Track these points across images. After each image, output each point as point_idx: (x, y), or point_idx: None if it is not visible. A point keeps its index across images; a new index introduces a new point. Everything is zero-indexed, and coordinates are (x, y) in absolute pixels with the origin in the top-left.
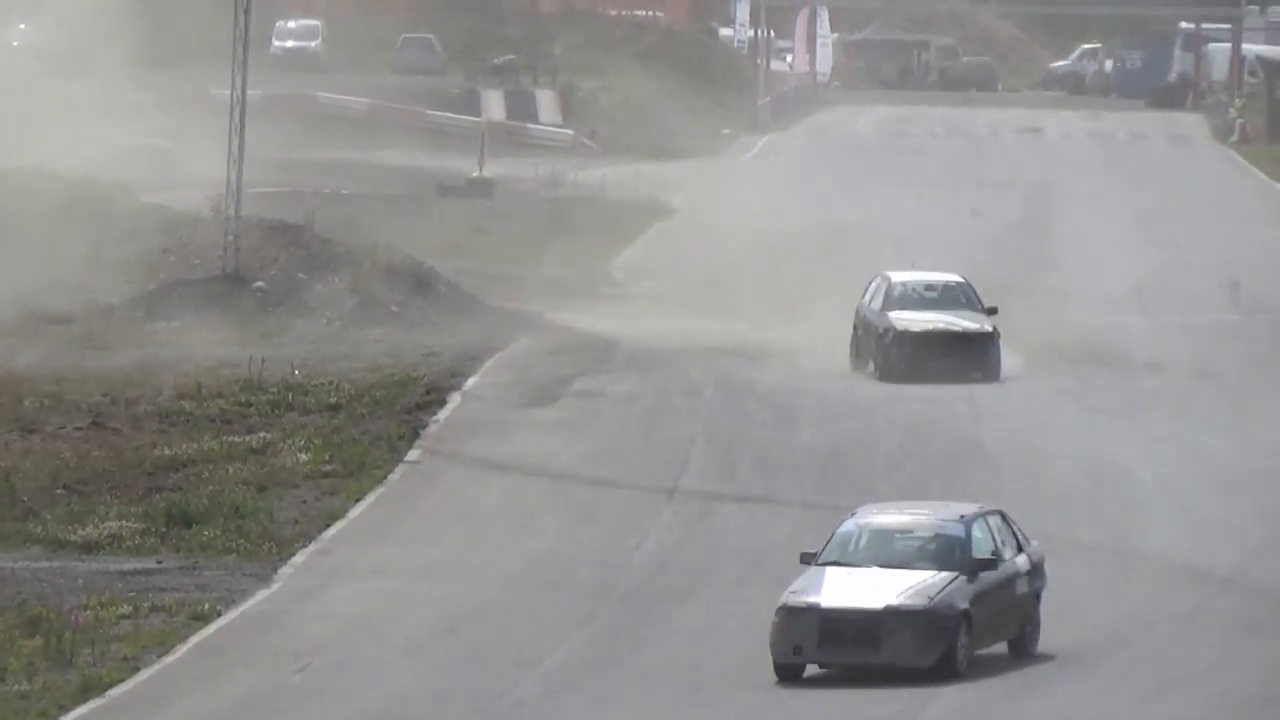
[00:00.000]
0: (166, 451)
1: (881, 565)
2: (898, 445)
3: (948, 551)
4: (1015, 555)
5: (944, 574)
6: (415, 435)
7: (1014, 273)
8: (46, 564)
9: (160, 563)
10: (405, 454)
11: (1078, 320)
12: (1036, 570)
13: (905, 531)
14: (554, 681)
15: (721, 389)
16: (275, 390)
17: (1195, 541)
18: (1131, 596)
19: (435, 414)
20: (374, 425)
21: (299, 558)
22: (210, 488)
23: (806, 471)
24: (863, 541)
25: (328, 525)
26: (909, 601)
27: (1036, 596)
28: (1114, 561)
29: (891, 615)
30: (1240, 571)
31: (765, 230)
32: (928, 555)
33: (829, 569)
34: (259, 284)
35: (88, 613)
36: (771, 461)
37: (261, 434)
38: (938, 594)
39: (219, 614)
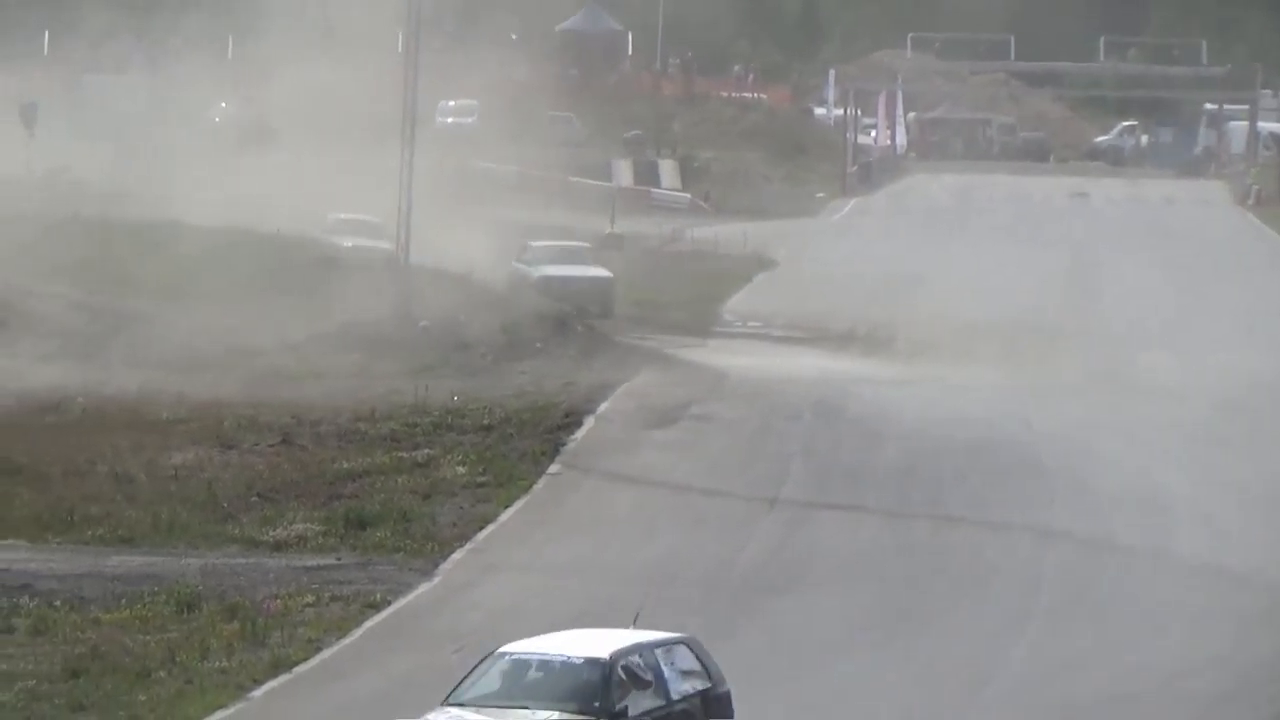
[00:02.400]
0: (345, 465)
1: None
2: (965, 461)
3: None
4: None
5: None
6: (556, 452)
7: (1061, 315)
8: (243, 560)
9: (339, 560)
10: (547, 468)
11: (1117, 355)
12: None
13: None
14: None
15: (817, 414)
16: (437, 414)
17: (1216, 546)
18: (1163, 591)
19: (573, 434)
20: (520, 444)
21: (457, 555)
22: (381, 496)
23: (888, 484)
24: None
25: (481, 528)
26: None
27: None
28: (1148, 561)
29: None
30: (1256, 571)
31: (854, 278)
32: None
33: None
34: (424, 323)
35: (278, 602)
36: (859, 476)
37: (425, 451)
38: None
39: (388, 603)
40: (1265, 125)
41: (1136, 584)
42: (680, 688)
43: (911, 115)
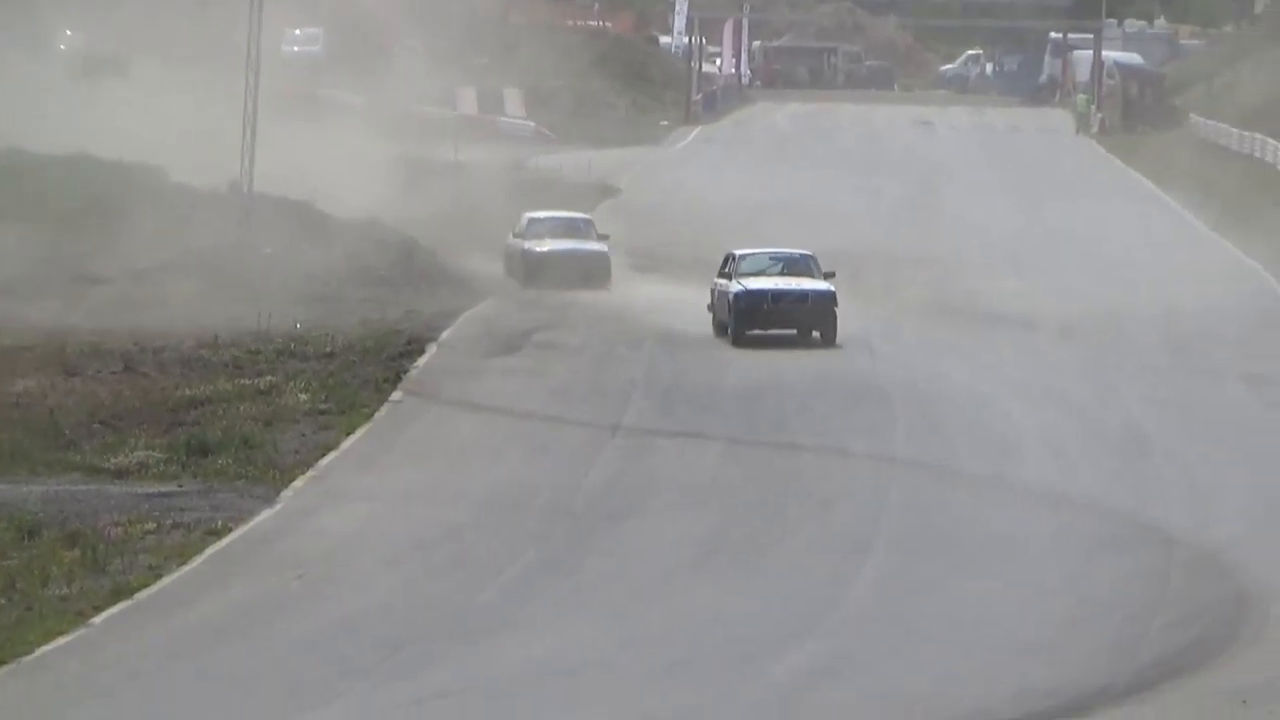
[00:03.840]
0: (187, 392)
1: None
2: (809, 388)
3: None
4: None
5: None
6: (398, 379)
7: (906, 243)
8: (84, 487)
9: (180, 487)
10: (390, 395)
11: (962, 283)
12: None
13: None
14: (516, 586)
15: (659, 341)
16: (280, 341)
17: (1061, 473)
18: (1008, 518)
19: (415, 361)
20: (363, 371)
21: (299, 483)
22: (224, 423)
23: (731, 411)
24: None
25: (323, 455)
26: None
27: None
28: (993, 488)
29: None
30: (1101, 498)
31: (697, 206)
32: None
33: None
34: (268, 250)
35: (119, 529)
36: (702, 403)
37: (268, 378)
38: None
39: (230, 530)
40: (1109, 54)
41: (982, 511)
42: None
43: (757, 44)
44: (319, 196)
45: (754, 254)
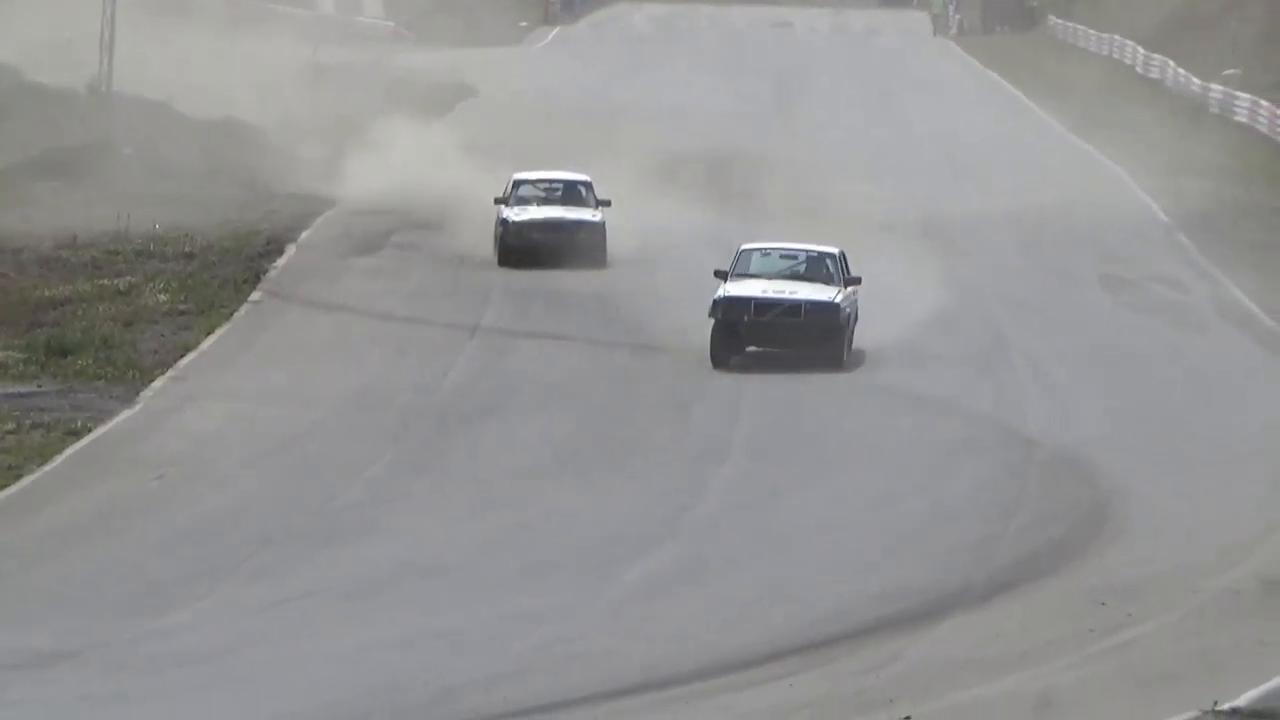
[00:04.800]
0: (46, 293)
1: None
2: (666, 291)
3: None
4: None
5: None
6: (257, 280)
7: (765, 146)
8: None
9: (40, 387)
10: (249, 295)
11: (821, 186)
12: None
13: None
14: (375, 487)
15: None
16: (139, 241)
17: (918, 375)
18: (865, 419)
19: (275, 262)
20: (222, 271)
21: (158, 383)
22: (83, 323)
23: (589, 313)
24: None
25: (183, 355)
26: None
27: None
28: (850, 390)
29: None
30: (956, 400)
31: (554, 107)
32: None
33: None
34: (127, 150)
35: None
36: (560, 305)
37: (127, 278)
38: None
39: (89, 430)
40: None
41: (838, 412)
42: None
43: None
44: (177, 97)
45: (763, 250)
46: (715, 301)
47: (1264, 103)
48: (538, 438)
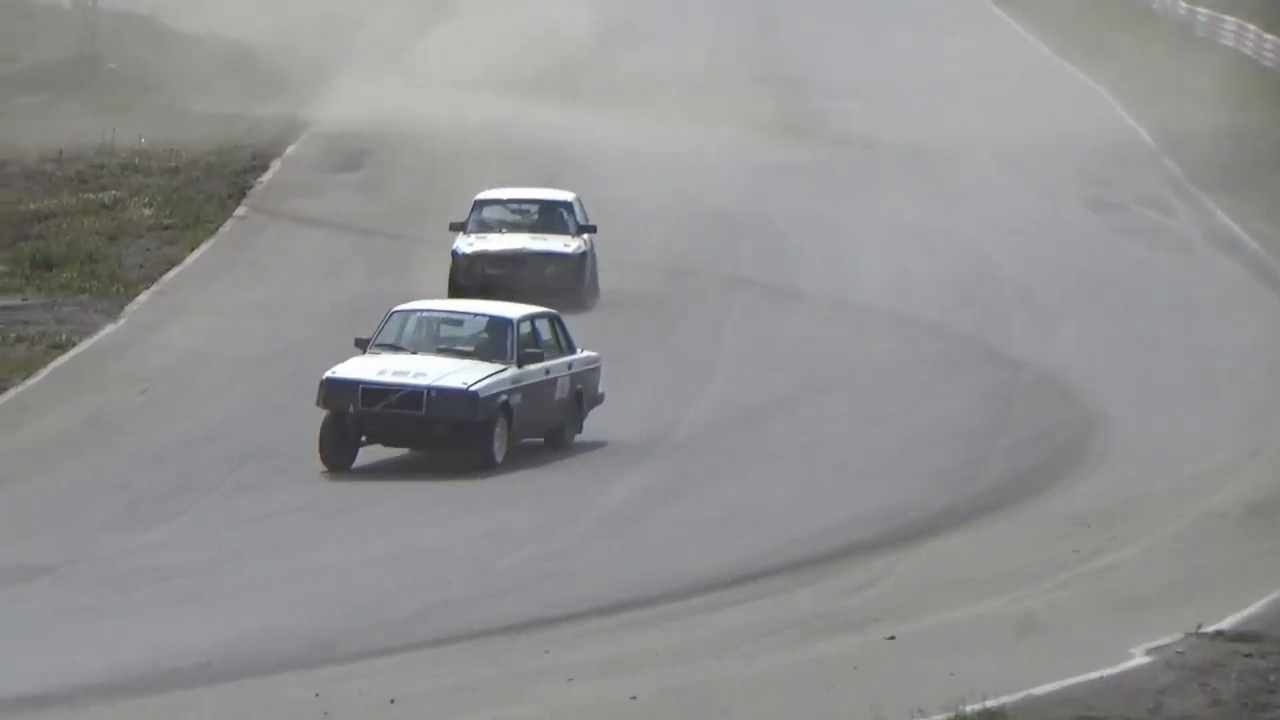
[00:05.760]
0: (31, 206)
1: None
2: (655, 208)
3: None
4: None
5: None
6: (243, 195)
7: (749, 62)
8: None
9: (25, 300)
10: (234, 210)
11: (804, 105)
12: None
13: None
14: None
15: (503, 158)
16: (124, 156)
17: (903, 295)
18: (850, 340)
19: (260, 177)
20: (207, 186)
21: (143, 297)
22: (68, 237)
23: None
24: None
25: (168, 270)
26: None
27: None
28: (834, 310)
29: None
30: (940, 320)
31: (538, 28)
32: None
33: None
34: (112, 65)
35: None
36: None
37: (112, 192)
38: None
39: (74, 344)
40: None
41: (823, 332)
42: None
43: None
44: (163, 11)
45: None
46: (322, 383)
47: (1251, 26)
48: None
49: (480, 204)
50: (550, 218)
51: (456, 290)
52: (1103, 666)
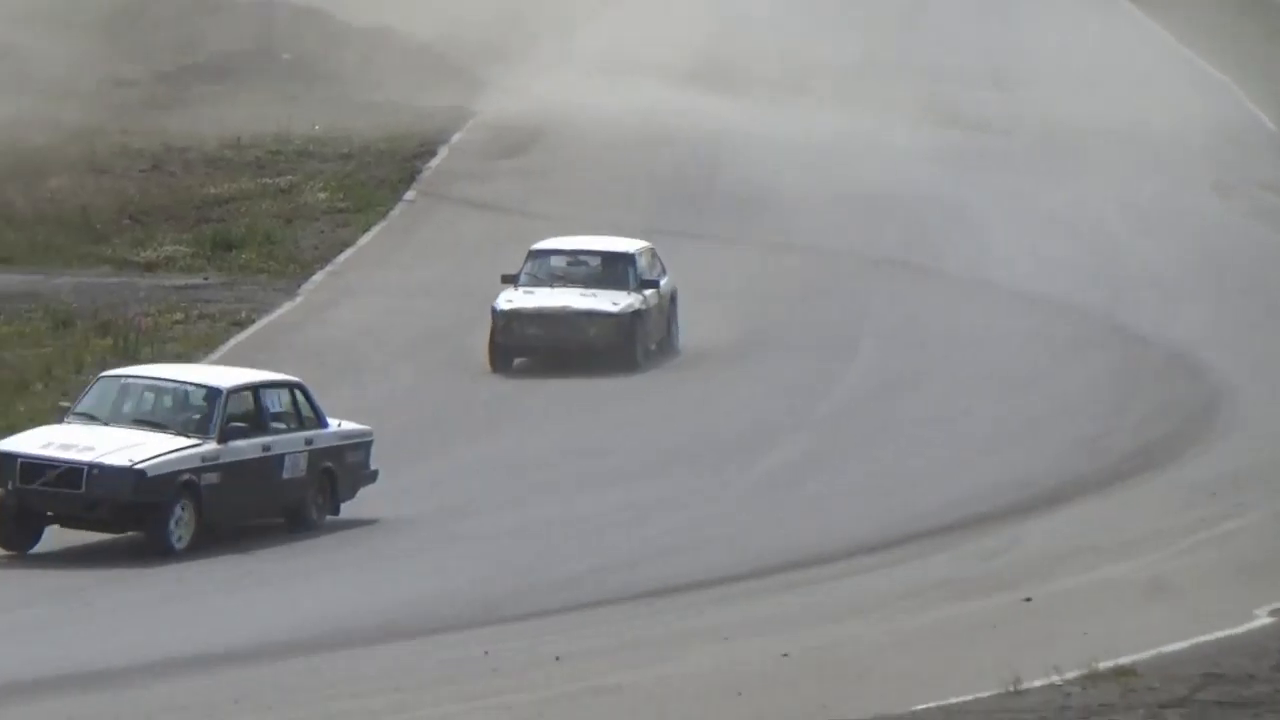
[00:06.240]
0: (212, 191)
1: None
2: (800, 193)
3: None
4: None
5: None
6: (412, 179)
7: (891, 52)
8: (115, 280)
9: (206, 279)
10: (404, 195)
11: (943, 92)
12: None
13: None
14: (523, 378)
15: (654, 145)
16: (299, 142)
17: (1036, 275)
18: (985, 317)
19: (428, 163)
20: (379, 171)
21: (318, 277)
22: (247, 220)
23: (727, 212)
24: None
25: (341, 251)
26: None
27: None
28: (972, 289)
29: None
30: (1069, 299)
31: (682, 12)
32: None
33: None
34: (286, 56)
35: (148, 319)
36: (698, 206)
37: (288, 177)
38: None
39: (253, 321)
40: None
41: (960, 310)
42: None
43: None
44: (336, 4)
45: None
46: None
47: None
48: (684, 328)
49: (535, 254)
50: (611, 271)
51: (495, 350)
52: (1228, 627)
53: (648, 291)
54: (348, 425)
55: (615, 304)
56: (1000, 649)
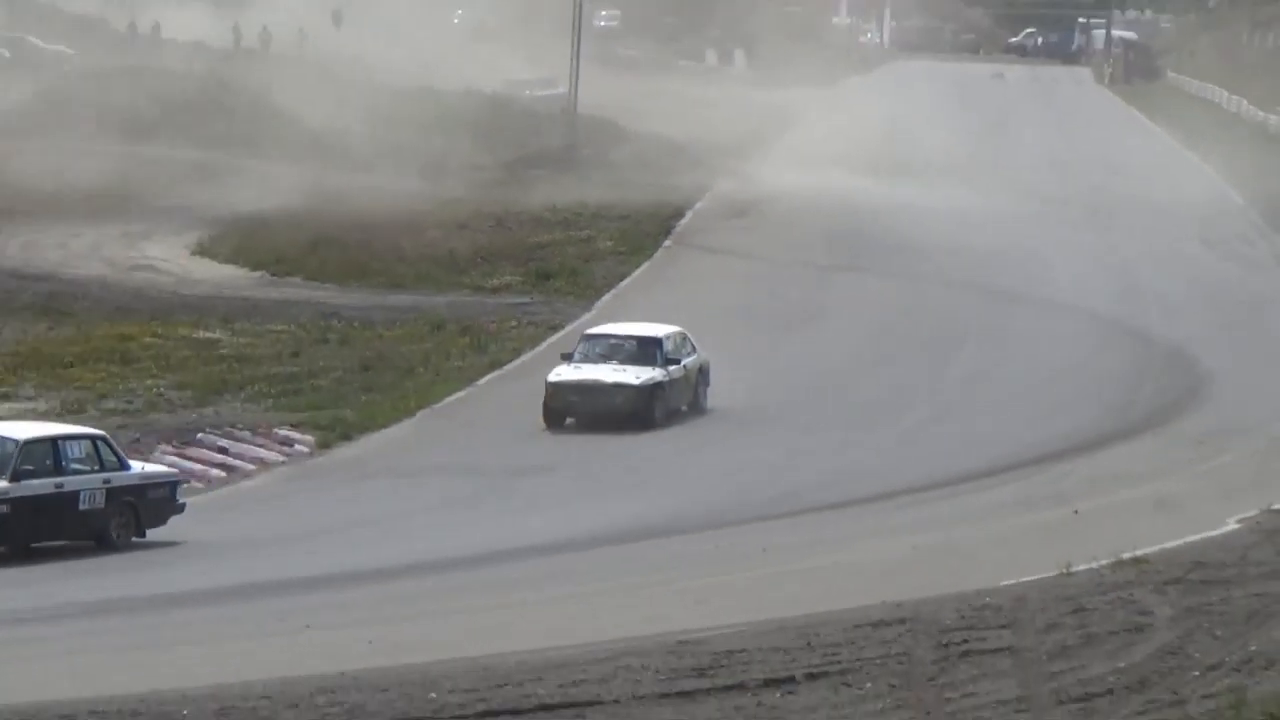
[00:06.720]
0: (536, 240)
1: None
2: (925, 248)
3: None
4: None
5: None
6: (668, 233)
7: (987, 150)
8: (472, 299)
9: (531, 299)
10: (662, 243)
11: (1028, 179)
12: None
13: None
14: (743, 361)
15: (837, 213)
16: (594, 208)
17: (1076, 292)
18: (1036, 324)
19: (679, 221)
20: (647, 227)
21: (605, 298)
22: (559, 259)
23: (889, 256)
24: None
25: (621, 280)
26: None
27: None
28: (1036, 305)
29: None
30: (1108, 310)
31: (866, 123)
32: None
33: None
34: (585, 151)
35: (494, 325)
36: (863, 248)
37: (586, 231)
38: None
39: (563, 326)
40: (1116, 32)
41: (1029, 319)
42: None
43: (894, 23)
44: (622, 117)
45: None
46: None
47: None
48: (850, 336)
49: (587, 337)
50: (642, 351)
51: (547, 412)
52: (1210, 530)
53: (671, 367)
54: (151, 468)
55: (638, 378)
56: (1057, 545)
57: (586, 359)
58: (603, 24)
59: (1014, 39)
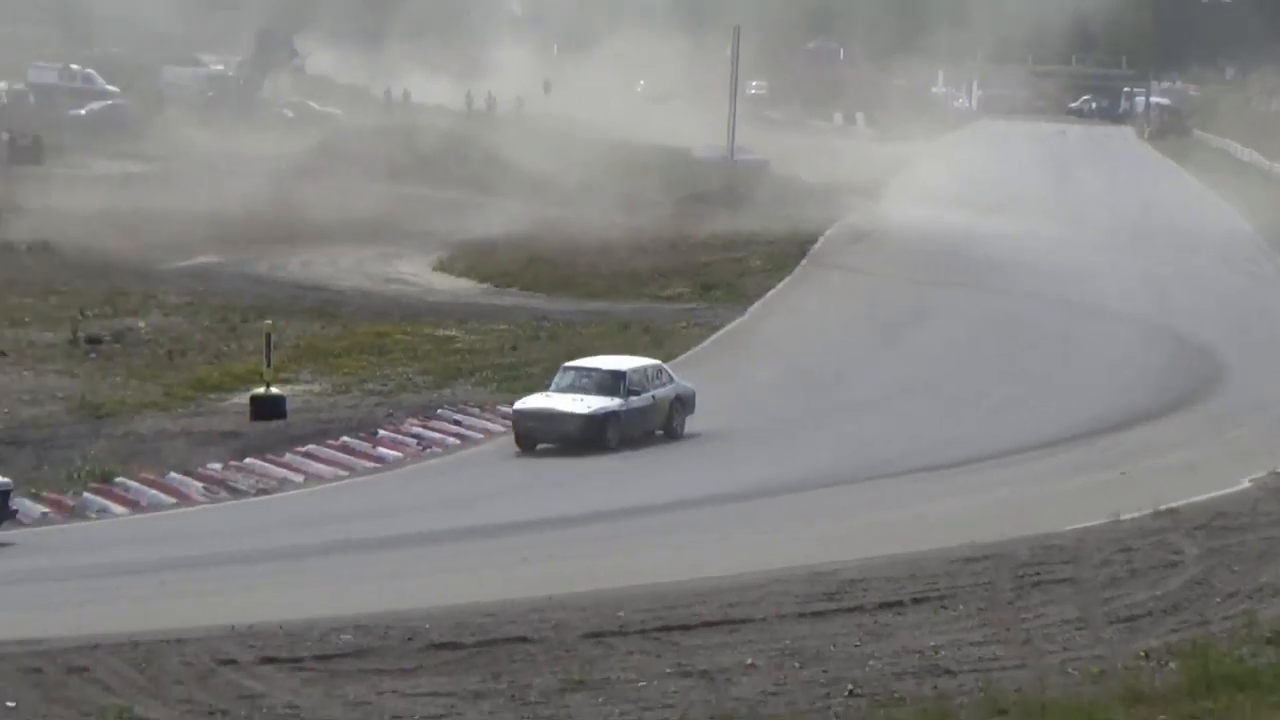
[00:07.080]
0: (702, 260)
1: None
2: (1027, 282)
3: None
4: None
5: None
6: (803, 255)
7: (1050, 191)
8: (649, 306)
9: (697, 306)
10: (800, 263)
11: (1088, 214)
12: None
13: None
14: (859, 353)
15: (937, 243)
16: (746, 235)
17: (1119, 300)
18: (1079, 325)
19: (812, 246)
20: (787, 250)
21: (756, 305)
22: (719, 275)
23: (986, 274)
24: None
25: (768, 291)
26: None
27: None
28: (1090, 311)
29: None
30: (1138, 315)
31: (963, 169)
32: None
33: None
34: (742, 190)
35: (674, 326)
36: (958, 268)
37: (740, 253)
38: None
39: (722, 326)
40: (1154, 98)
41: (1084, 323)
42: None
43: (980, 91)
44: (772, 163)
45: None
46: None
47: None
48: (944, 331)
49: (563, 369)
50: (604, 383)
51: (517, 436)
52: (1229, 488)
53: (633, 398)
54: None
55: (589, 407)
56: (1108, 499)
57: (558, 388)
58: (753, 92)
59: (1073, 104)
